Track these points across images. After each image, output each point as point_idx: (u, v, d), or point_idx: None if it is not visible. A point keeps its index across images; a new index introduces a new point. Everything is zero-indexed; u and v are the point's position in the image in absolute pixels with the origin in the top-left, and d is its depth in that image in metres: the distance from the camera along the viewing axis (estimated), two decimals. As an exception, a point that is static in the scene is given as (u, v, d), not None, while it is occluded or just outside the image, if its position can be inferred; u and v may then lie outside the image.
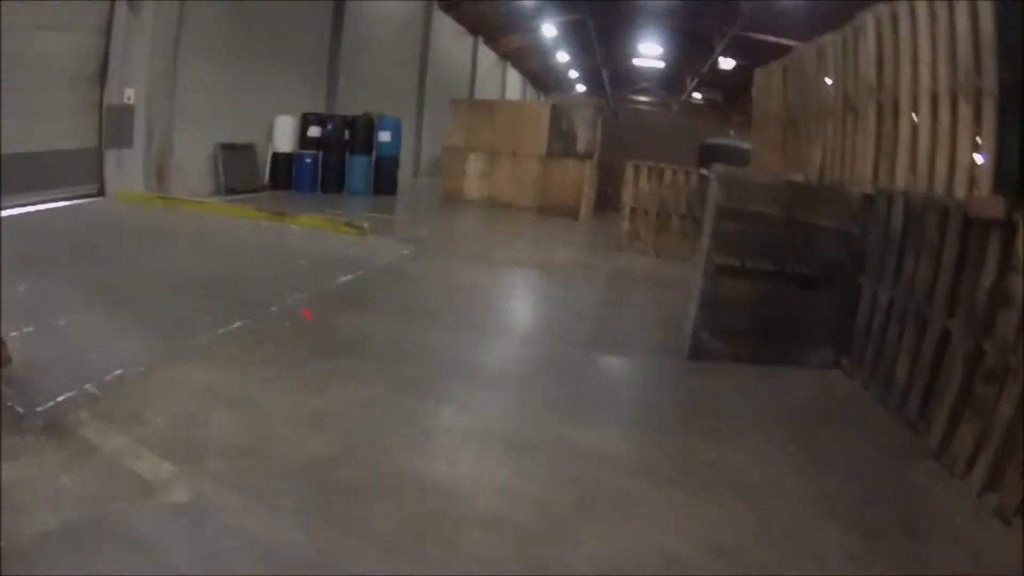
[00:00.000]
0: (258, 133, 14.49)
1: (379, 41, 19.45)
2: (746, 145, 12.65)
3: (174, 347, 4.26)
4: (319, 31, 16.54)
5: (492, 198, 16.00)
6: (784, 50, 23.32)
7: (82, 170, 9.98)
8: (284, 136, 14.99)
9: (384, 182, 15.94)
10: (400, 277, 7.16)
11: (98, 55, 9.91)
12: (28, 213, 8.45)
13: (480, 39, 28.04)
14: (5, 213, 7.84)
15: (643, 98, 44.67)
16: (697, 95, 39.21)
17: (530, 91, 40.87)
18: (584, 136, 14.87)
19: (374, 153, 15.87)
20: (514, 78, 35.79)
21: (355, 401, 3.75)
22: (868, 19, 6.41)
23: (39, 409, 3.18)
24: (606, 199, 15.07)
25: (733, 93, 35.94)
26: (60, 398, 3.32)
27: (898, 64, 5.82)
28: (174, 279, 5.95)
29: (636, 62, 34.22)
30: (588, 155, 14.76)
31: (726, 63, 28.22)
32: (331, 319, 5.30)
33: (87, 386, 3.49)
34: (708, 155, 12.12)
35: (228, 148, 13.50)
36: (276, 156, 14.94)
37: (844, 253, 5.20)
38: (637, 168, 10.03)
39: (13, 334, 3.98)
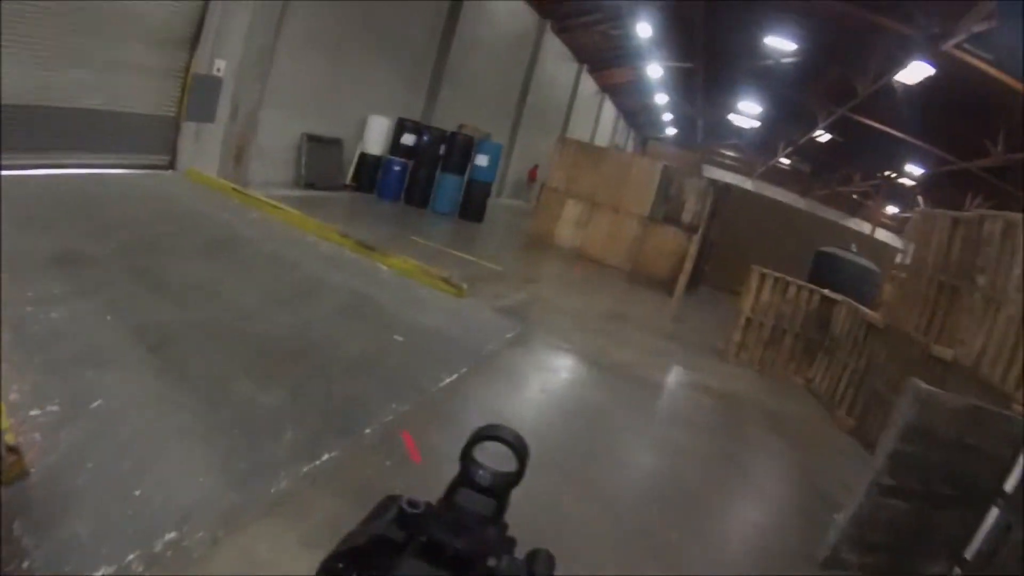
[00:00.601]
0: (348, 129, 13.79)
1: (488, 53, 18.70)
2: (871, 265, 11.49)
3: (246, 492, 3.16)
4: (430, 33, 15.83)
5: (583, 250, 15.11)
6: (886, 139, 23.46)
7: (155, 139, 9.31)
8: (375, 137, 14.29)
9: (472, 207, 15.19)
10: (509, 383, 5.93)
11: (193, 19, 9.19)
12: (89, 176, 7.70)
13: (584, 67, 27.19)
14: (59, 172, 7.16)
15: (730, 153, 43.44)
16: (785, 160, 37.95)
17: (622, 126, 39.93)
18: (692, 207, 13.90)
19: (467, 174, 15.10)
20: (608, 112, 34.86)
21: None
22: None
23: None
24: (698, 274, 14.03)
25: (821, 166, 34.94)
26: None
27: None
28: (239, 332, 4.91)
29: (732, 117, 33.05)
30: (693, 228, 13.76)
31: (821, 136, 27.47)
32: (440, 459, 3.93)
33: (129, 557, 2.57)
34: (824, 267, 10.95)
35: (314, 140, 12.86)
36: (364, 156, 14.25)
37: (989, 475, 4.68)
38: (763, 277, 8.99)
39: (35, 413, 3.16)
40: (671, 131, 42.24)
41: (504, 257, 12.07)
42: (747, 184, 34.27)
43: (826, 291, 9.00)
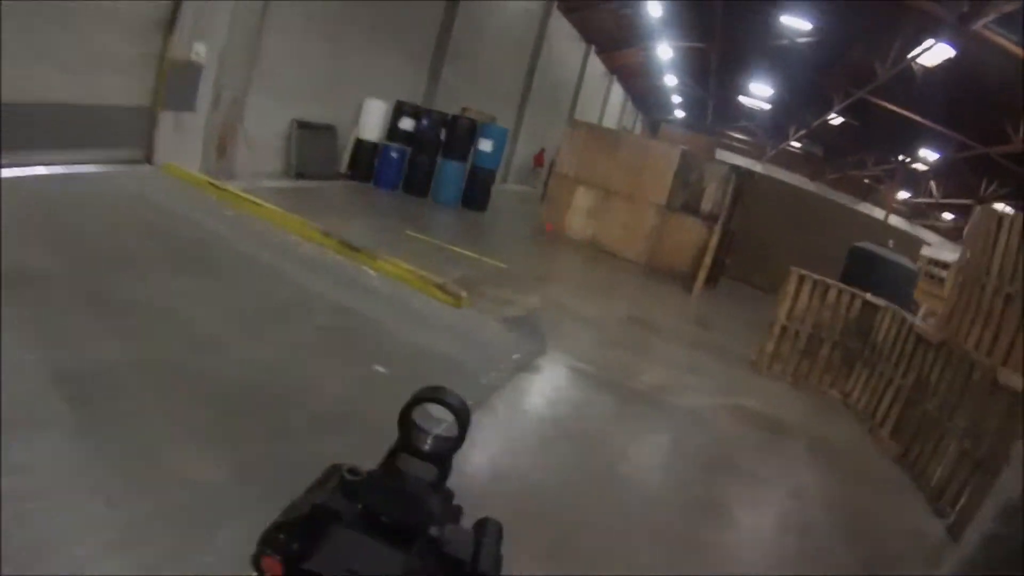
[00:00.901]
0: (342, 115, 12.90)
1: (493, 32, 17.72)
2: (910, 264, 10.55)
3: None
4: (432, 12, 14.86)
5: (596, 241, 14.16)
6: (902, 122, 22.59)
7: (129, 132, 8.45)
8: (372, 123, 13.40)
9: (475, 196, 14.32)
10: (512, 435, 4.71)
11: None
12: (57, 175, 6.85)
13: (592, 48, 26.14)
14: (24, 173, 6.34)
15: (740, 136, 42.39)
16: (796, 144, 36.99)
17: (630, 108, 38.84)
18: (713, 195, 12.99)
19: (470, 160, 14.19)
20: (617, 94, 33.83)
21: None
22: None
23: None
24: (718, 267, 13.17)
25: (833, 150, 34.02)
26: None
27: None
28: (190, 372, 3.98)
29: (743, 99, 32.02)
30: (713, 217, 12.85)
31: (835, 119, 26.77)
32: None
33: None
34: (860, 266, 10.02)
35: (305, 127, 11.97)
36: (360, 143, 13.37)
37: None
38: (802, 280, 8.11)
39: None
40: (680, 113, 41.15)
41: (510, 252, 11.19)
42: (757, 167, 33.22)
43: (868, 296, 8.13)
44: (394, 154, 13.46)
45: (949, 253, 15.70)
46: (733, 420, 6.49)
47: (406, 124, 13.47)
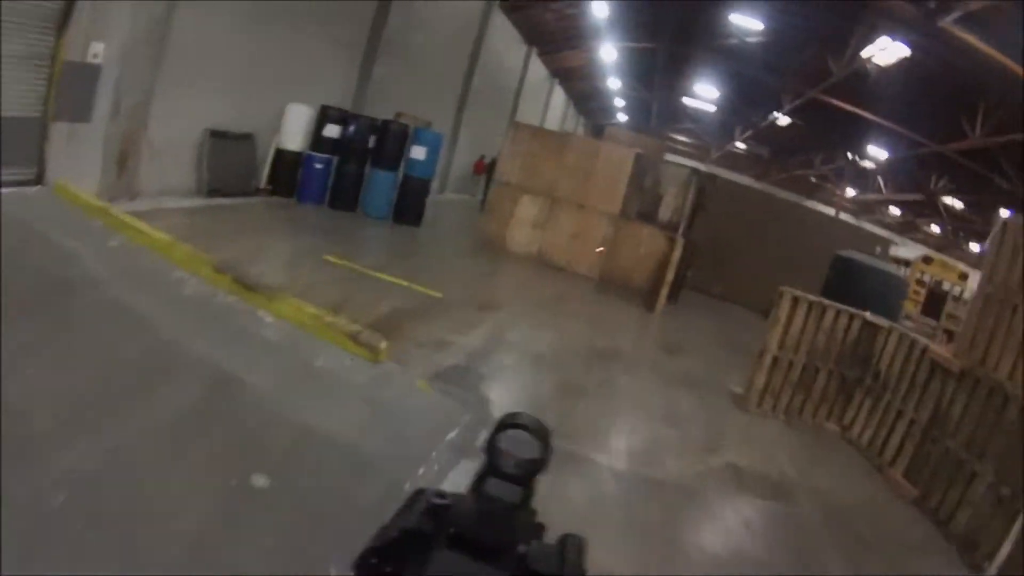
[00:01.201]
0: (262, 122, 11.34)
1: (430, 29, 16.25)
2: (896, 272, 9.51)
3: None
4: (363, 8, 13.34)
5: (543, 256, 12.74)
6: (854, 121, 22.24)
7: (14, 147, 7.10)
8: (295, 130, 11.87)
9: (408, 209, 12.82)
10: None
11: (61, -8, 7.11)
12: None
13: (535, 50, 24.91)
14: None
15: (683, 138, 41.90)
16: (741, 145, 36.67)
17: (572, 113, 37.81)
18: (672, 201, 11.75)
19: (402, 170, 12.74)
20: (559, 97, 32.70)
21: None
22: None
23: None
24: (679, 280, 11.90)
25: (781, 150, 33.71)
26: None
27: None
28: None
29: (689, 101, 31.34)
30: (672, 226, 11.62)
31: (782, 119, 26.20)
32: None
33: None
34: (846, 277, 8.94)
35: (219, 137, 10.41)
36: (281, 154, 11.81)
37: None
38: (796, 303, 6.86)
39: None
40: (623, 117, 40.31)
41: (446, 275, 9.70)
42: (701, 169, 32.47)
43: (868, 315, 6.97)
44: (318, 164, 11.93)
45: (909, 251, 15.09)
46: (730, 491, 5.16)
47: (331, 131, 11.95)
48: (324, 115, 11.92)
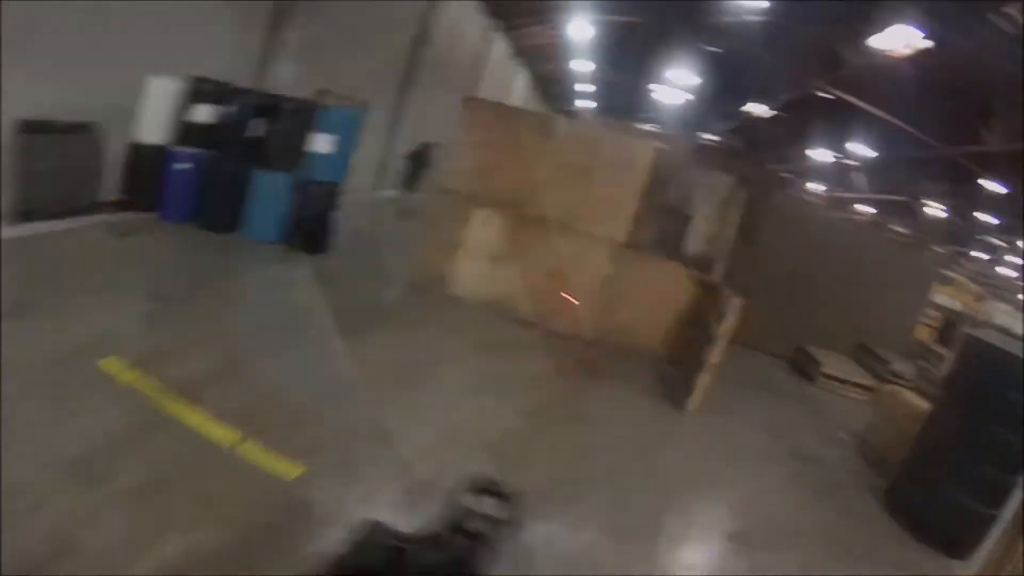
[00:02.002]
0: (110, 104, 7.58)
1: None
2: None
3: None
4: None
5: (505, 304, 8.46)
6: (860, 118, 19.87)
7: None
8: (156, 116, 8.16)
9: (310, 229, 8.83)
10: None
11: None
12: None
13: (497, 25, 21.24)
14: None
15: (648, 127, 38.88)
16: (714, 137, 34.09)
17: (536, 99, 34.10)
18: (706, 226, 8.09)
19: (299, 170, 8.71)
20: (522, 81, 29.07)
21: None
22: None
23: None
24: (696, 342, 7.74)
25: (759, 143, 31.17)
26: None
27: None
28: None
29: (659, 87, 28.17)
30: (705, 264, 8.05)
31: (759, 109, 25.08)
32: None
33: None
34: (978, 369, 5.64)
35: (38, 130, 6.81)
36: (137, 150, 8.08)
37: None
38: None
39: None
40: (587, 104, 36.73)
41: (331, 378, 5.33)
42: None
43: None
44: (183, 164, 8.13)
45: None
46: None
47: (201, 113, 8.10)
48: (197, 91, 8.07)
